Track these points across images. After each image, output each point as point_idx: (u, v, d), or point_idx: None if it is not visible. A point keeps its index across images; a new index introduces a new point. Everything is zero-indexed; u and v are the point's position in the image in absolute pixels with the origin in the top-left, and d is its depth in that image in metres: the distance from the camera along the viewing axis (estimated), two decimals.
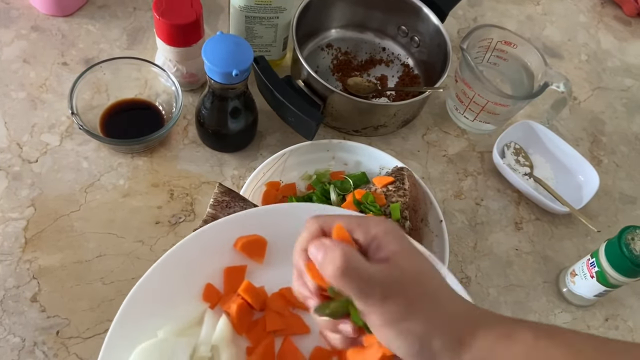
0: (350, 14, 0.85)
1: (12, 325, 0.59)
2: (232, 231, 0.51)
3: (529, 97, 0.75)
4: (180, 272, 0.49)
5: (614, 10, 1.03)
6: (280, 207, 0.53)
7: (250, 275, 0.51)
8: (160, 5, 0.67)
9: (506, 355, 0.35)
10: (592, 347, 0.37)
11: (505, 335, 0.36)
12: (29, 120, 0.71)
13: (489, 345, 0.36)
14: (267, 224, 0.52)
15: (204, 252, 0.50)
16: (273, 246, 0.52)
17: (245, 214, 0.52)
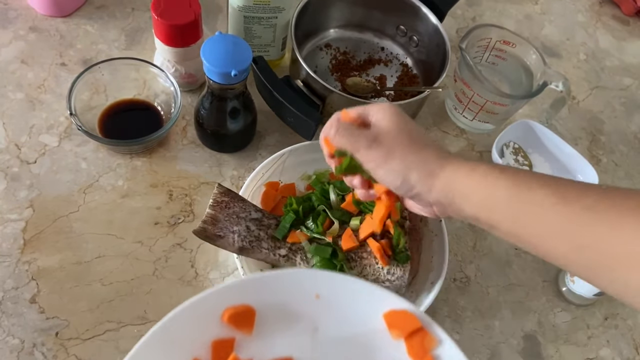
0: (349, 13, 0.85)
1: (11, 326, 0.59)
2: (220, 302, 0.48)
3: (528, 97, 0.75)
4: (167, 347, 0.47)
5: (613, 10, 1.03)
6: (268, 275, 0.51)
7: (239, 347, 0.48)
8: (158, 6, 0.67)
9: (466, 181, 0.45)
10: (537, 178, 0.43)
11: (469, 167, 0.45)
12: (27, 121, 0.71)
13: (453, 174, 0.46)
14: (255, 292, 0.49)
15: (191, 326, 0.47)
16: (262, 315, 0.49)
17: (232, 284, 0.49)
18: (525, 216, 0.42)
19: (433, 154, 0.47)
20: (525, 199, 0.42)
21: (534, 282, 0.72)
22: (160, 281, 0.64)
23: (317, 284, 0.49)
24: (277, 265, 0.62)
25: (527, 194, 0.42)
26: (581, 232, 0.39)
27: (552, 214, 0.40)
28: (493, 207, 0.44)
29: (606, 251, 0.38)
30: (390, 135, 0.49)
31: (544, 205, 0.41)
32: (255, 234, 0.61)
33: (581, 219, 0.39)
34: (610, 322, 0.70)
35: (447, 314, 0.67)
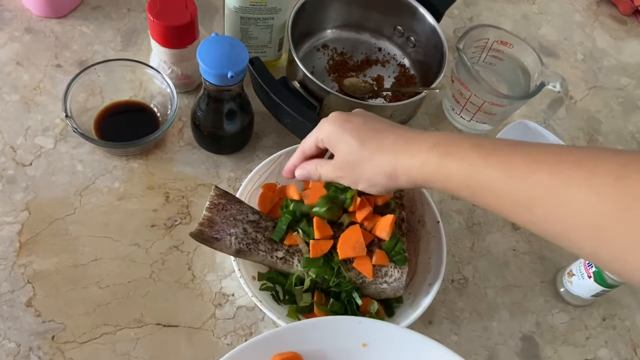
0: (346, 14, 0.85)
1: (7, 330, 0.58)
2: (268, 349, 0.49)
3: (526, 97, 0.75)
4: None
5: (610, 9, 1.03)
6: (315, 322, 0.52)
7: None
8: (154, 7, 0.66)
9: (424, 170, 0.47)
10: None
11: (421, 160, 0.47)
12: (22, 123, 0.71)
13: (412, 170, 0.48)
14: (302, 339, 0.50)
15: None
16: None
17: (280, 330, 0.50)
18: (481, 196, 0.44)
19: (385, 156, 0.49)
20: (478, 181, 0.43)
21: (531, 283, 0.71)
22: (157, 284, 0.63)
23: (364, 333, 0.50)
24: (274, 267, 0.62)
25: (480, 175, 0.43)
26: (532, 209, 0.40)
27: (504, 193, 0.42)
28: (454, 190, 0.46)
29: (560, 226, 0.39)
30: (346, 160, 0.52)
31: (495, 186, 0.42)
32: (253, 237, 0.61)
33: (531, 197, 0.40)
34: (608, 322, 0.70)
35: (445, 315, 0.67)
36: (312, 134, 0.55)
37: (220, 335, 0.62)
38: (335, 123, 0.53)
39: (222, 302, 0.63)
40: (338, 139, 0.52)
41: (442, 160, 0.45)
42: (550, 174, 0.39)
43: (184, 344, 0.61)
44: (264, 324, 0.63)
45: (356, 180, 0.52)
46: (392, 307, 0.63)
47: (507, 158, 0.42)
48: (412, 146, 0.48)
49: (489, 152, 0.43)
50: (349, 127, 0.52)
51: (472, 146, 0.44)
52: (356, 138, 0.51)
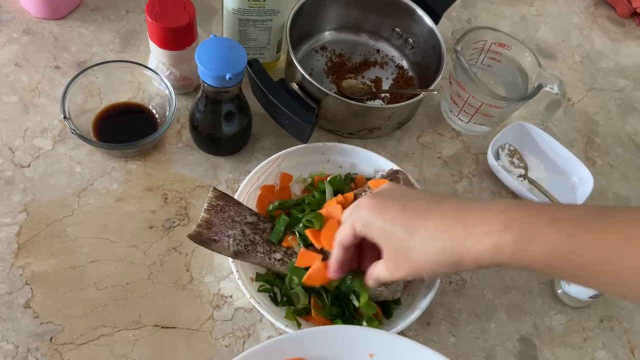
0: (344, 16, 0.85)
1: (5, 331, 0.58)
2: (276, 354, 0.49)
3: (523, 99, 0.75)
4: None
5: (608, 11, 1.04)
6: (323, 329, 0.51)
7: None
8: (153, 9, 0.67)
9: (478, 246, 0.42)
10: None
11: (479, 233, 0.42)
12: (21, 125, 0.71)
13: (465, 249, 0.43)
14: (310, 346, 0.50)
15: None
16: None
17: (287, 337, 0.50)
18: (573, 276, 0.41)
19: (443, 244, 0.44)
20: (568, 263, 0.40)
21: (529, 284, 0.72)
22: (155, 285, 0.63)
23: (371, 344, 0.49)
24: (272, 269, 0.62)
25: (570, 257, 0.40)
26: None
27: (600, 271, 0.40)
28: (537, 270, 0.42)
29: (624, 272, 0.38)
30: (390, 246, 0.47)
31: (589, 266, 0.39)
32: (251, 238, 0.61)
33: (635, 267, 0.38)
34: (606, 324, 0.71)
35: (443, 317, 0.67)
36: (347, 225, 0.50)
37: (218, 337, 0.62)
38: (371, 212, 0.47)
39: (220, 304, 0.64)
40: (381, 231, 0.47)
41: (520, 243, 0.40)
42: None
43: (182, 346, 0.61)
44: (262, 325, 0.63)
45: (416, 271, 0.46)
46: (390, 309, 0.63)
47: (595, 235, 0.39)
48: (476, 229, 0.42)
49: (575, 227, 0.40)
50: (389, 217, 0.46)
51: (549, 223, 0.40)
52: (402, 228, 0.45)
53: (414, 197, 0.47)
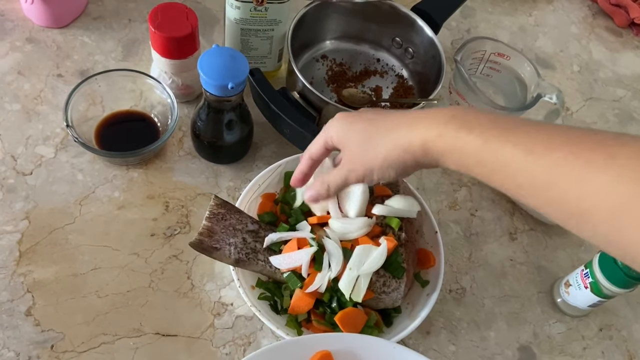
0: (344, 25, 0.85)
1: (6, 339, 0.58)
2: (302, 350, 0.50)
3: (522, 109, 0.75)
4: None
5: (605, 21, 1.04)
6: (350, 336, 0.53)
7: None
8: (155, 18, 0.67)
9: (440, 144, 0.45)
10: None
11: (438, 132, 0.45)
12: (23, 133, 0.71)
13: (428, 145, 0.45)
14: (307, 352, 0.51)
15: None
16: None
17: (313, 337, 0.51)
18: (497, 173, 0.42)
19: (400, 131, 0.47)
20: (495, 157, 0.42)
21: (529, 293, 0.72)
22: (156, 293, 0.64)
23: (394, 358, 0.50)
24: (273, 277, 0.62)
25: (497, 152, 0.41)
26: (549, 188, 0.39)
27: (520, 171, 0.40)
28: (468, 166, 0.44)
29: (576, 206, 0.38)
30: (353, 141, 0.50)
31: (512, 163, 0.41)
32: (252, 246, 0.61)
33: (549, 176, 0.39)
34: (605, 333, 0.71)
35: (442, 325, 0.68)
36: (320, 136, 0.54)
37: (219, 345, 0.62)
38: (343, 118, 0.52)
39: (221, 312, 0.64)
40: (349, 130, 0.51)
41: (459, 133, 0.43)
42: (571, 153, 0.38)
43: (182, 354, 0.61)
44: (263, 333, 0.63)
45: (370, 167, 0.49)
46: (391, 317, 0.63)
47: (526, 136, 0.40)
48: (428, 119, 0.46)
49: (508, 128, 0.42)
50: (359, 119, 0.51)
51: (490, 121, 0.43)
52: (368, 122, 0.50)
53: (383, 112, 0.52)
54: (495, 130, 0.42)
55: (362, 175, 0.50)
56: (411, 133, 0.46)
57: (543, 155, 0.39)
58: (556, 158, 0.38)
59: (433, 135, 0.45)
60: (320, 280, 0.58)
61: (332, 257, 0.59)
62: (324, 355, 0.49)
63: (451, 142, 0.44)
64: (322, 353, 0.49)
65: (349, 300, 0.58)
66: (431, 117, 0.46)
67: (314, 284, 0.58)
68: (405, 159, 0.47)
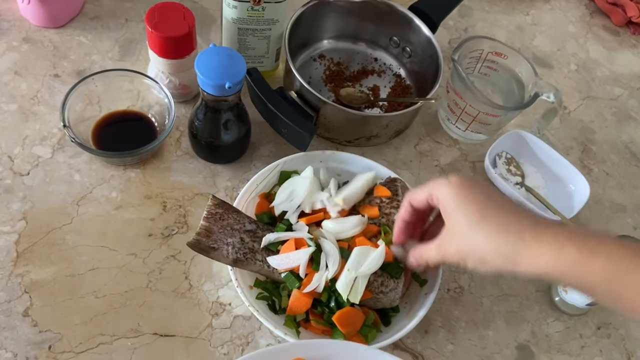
0: (342, 25, 0.85)
1: (3, 340, 0.58)
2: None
3: (520, 108, 0.75)
4: None
5: (603, 20, 1.05)
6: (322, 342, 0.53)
7: None
8: (152, 18, 0.67)
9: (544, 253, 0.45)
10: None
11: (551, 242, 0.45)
12: (20, 133, 0.71)
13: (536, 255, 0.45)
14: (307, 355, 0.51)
15: None
16: None
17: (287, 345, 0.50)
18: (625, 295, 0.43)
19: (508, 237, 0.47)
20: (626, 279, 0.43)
21: (527, 292, 0.72)
22: (154, 293, 0.63)
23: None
24: (271, 277, 0.62)
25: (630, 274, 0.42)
26: None
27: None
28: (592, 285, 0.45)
29: None
30: (457, 221, 0.49)
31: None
32: (250, 246, 0.61)
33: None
34: (603, 331, 0.71)
35: (441, 324, 0.68)
36: (426, 188, 0.52)
37: (217, 345, 0.62)
38: (457, 187, 0.49)
39: (218, 312, 0.64)
40: (457, 205, 0.49)
41: (582, 253, 0.43)
42: None
43: (180, 354, 0.61)
44: (261, 333, 0.63)
45: (466, 254, 0.49)
46: (389, 316, 0.63)
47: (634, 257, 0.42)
48: (543, 234, 0.45)
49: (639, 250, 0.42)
50: (471, 197, 0.48)
51: (617, 242, 0.43)
52: (477, 210, 0.48)
53: (500, 195, 0.50)
54: (624, 250, 0.43)
55: (457, 257, 0.50)
56: (519, 244, 0.45)
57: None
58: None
59: (547, 253, 0.44)
60: (317, 280, 0.58)
61: (329, 257, 0.59)
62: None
63: (572, 262, 0.44)
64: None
65: (346, 300, 0.58)
66: (547, 233, 0.45)
67: (311, 284, 0.58)
68: (503, 267, 0.47)
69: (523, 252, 0.45)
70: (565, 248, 0.44)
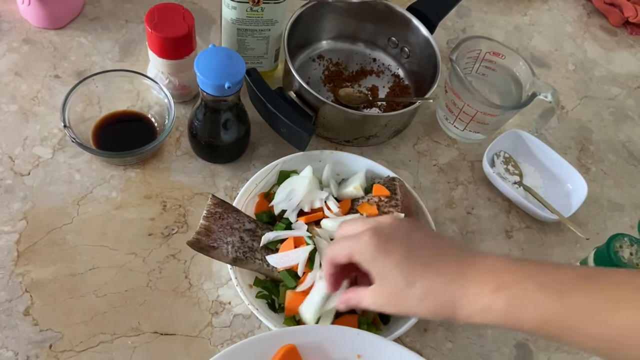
0: (340, 25, 0.86)
1: (4, 339, 0.58)
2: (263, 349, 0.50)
3: (518, 107, 0.76)
4: None
5: (600, 20, 1.05)
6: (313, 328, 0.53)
7: None
8: (152, 19, 0.67)
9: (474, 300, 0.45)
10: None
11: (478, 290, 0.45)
12: (20, 133, 0.71)
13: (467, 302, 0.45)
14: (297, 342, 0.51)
15: None
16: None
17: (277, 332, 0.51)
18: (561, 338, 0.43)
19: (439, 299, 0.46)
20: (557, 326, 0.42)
21: None
22: (154, 292, 0.64)
23: (361, 344, 0.50)
24: (270, 275, 0.62)
25: (559, 322, 0.42)
26: (623, 346, 0.40)
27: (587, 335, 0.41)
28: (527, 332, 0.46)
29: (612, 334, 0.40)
30: (386, 286, 0.48)
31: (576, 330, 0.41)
32: (249, 245, 0.61)
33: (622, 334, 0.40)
34: None
35: (439, 322, 0.68)
36: (346, 246, 0.50)
37: (217, 344, 0.62)
38: (376, 249, 0.47)
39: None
40: (381, 270, 0.48)
41: (510, 308, 0.43)
42: (636, 308, 0.39)
43: (180, 353, 0.61)
44: (261, 331, 0.64)
45: (403, 313, 0.50)
46: (388, 315, 0.63)
47: (584, 299, 0.41)
48: (470, 289, 0.44)
49: (562, 292, 0.42)
50: (392, 261, 0.47)
51: (539, 287, 0.42)
52: (402, 276, 0.47)
53: (417, 243, 0.48)
54: (548, 296, 0.42)
55: (391, 313, 0.51)
56: (452, 304, 0.45)
57: (611, 320, 0.40)
58: (624, 319, 0.39)
59: (479, 310, 0.44)
60: (311, 279, 0.59)
61: (322, 257, 0.59)
62: (288, 349, 0.49)
63: (502, 315, 0.43)
64: (287, 347, 0.49)
65: None
66: (473, 287, 0.44)
67: (304, 283, 0.59)
68: (445, 319, 0.47)
69: (458, 311, 0.45)
70: (494, 302, 0.43)
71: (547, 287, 0.42)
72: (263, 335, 0.50)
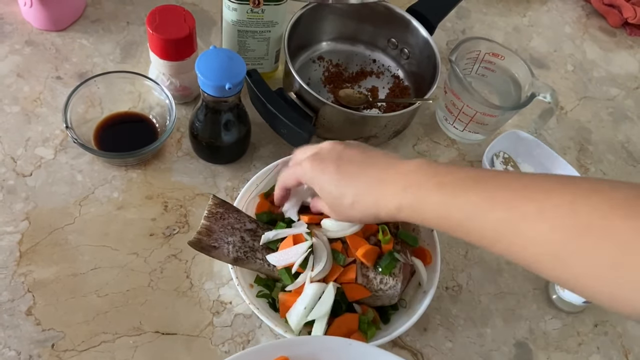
0: (340, 27, 0.86)
1: (7, 338, 0.59)
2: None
3: (517, 108, 0.76)
4: None
5: (599, 22, 1.06)
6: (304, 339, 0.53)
7: None
8: (153, 20, 0.68)
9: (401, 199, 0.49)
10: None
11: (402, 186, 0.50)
12: (23, 134, 0.72)
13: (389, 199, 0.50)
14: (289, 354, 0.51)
15: None
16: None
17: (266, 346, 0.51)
18: (456, 233, 0.47)
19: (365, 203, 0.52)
20: (448, 221, 0.47)
21: (524, 290, 0.73)
22: (155, 292, 0.64)
23: (352, 355, 0.51)
24: (271, 275, 0.63)
25: (448, 218, 0.46)
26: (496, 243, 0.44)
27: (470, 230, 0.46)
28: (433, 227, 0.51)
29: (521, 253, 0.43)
30: (326, 199, 0.55)
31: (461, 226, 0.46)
32: (250, 245, 0.62)
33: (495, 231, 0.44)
34: (600, 329, 0.72)
35: (439, 322, 0.68)
36: (293, 172, 0.58)
37: (218, 343, 0.62)
38: (313, 170, 0.55)
39: (219, 310, 0.64)
40: (319, 187, 0.55)
41: (414, 205, 0.48)
42: (507, 210, 0.43)
43: (182, 352, 0.61)
44: (262, 331, 0.64)
45: (347, 221, 0.58)
46: (388, 314, 0.64)
47: (466, 199, 0.45)
48: (387, 190, 0.50)
49: (454, 192, 0.46)
50: (326, 179, 0.54)
51: (438, 187, 0.47)
52: (335, 189, 0.53)
53: (346, 160, 0.54)
54: (441, 195, 0.47)
55: (339, 219, 0.58)
56: (375, 206, 0.51)
57: (485, 217, 0.44)
58: (496, 217, 0.43)
59: (393, 209, 0.50)
60: (302, 279, 0.59)
61: (315, 257, 0.60)
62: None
63: (410, 213, 0.49)
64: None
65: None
66: (388, 189, 0.50)
67: (295, 283, 0.59)
68: (377, 220, 0.53)
69: (381, 212, 0.51)
70: (402, 201, 0.49)
71: (444, 187, 0.47)
72: (253, 349, 0.50)
